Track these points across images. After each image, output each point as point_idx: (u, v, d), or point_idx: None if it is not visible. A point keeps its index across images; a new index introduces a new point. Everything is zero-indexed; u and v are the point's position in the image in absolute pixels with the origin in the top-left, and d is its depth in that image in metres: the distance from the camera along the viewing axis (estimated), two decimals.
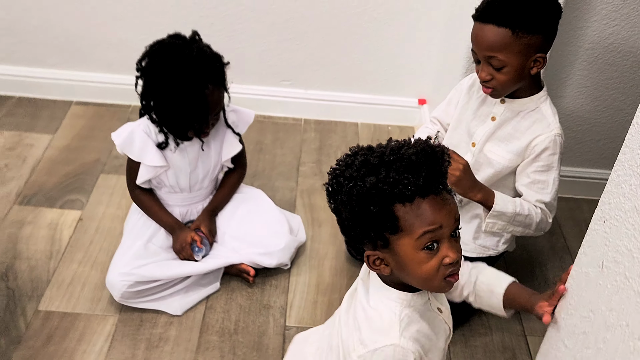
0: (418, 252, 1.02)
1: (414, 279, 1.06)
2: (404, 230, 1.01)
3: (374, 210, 0.99)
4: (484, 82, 1.46)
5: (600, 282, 0.93)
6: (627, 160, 0.85)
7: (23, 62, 2.39)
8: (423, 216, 1.00)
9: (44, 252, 1.83)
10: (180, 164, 1.70)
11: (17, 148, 2.19)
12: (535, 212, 1.51)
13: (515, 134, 1.52)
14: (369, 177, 0.99)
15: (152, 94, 1.60)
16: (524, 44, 1.38)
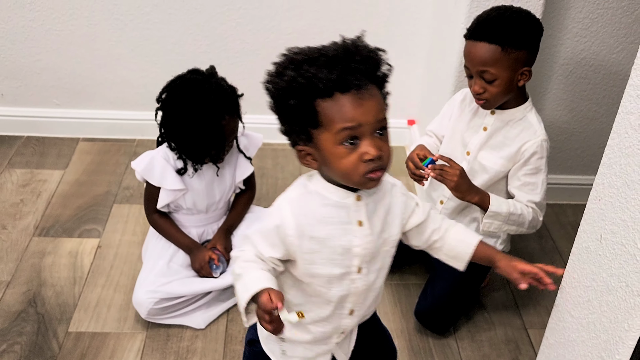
0: (337, 146, 1.05)
1: (336, 173, 1.10)
2: (324, 125, 1.05)
3: (293, 104, 1.04)
4: (477, 95, 1.60)
5: (600, 253, 1.07)
6: (616, 144, 1.00)
7: (30, 103, 2.51)
8: (341, 112, 1.04)
9: (68, 279, 1.92)
10: (198, 187, 1.82)
11: (30, 184, 2.28)
12: (527, 211, 1.65)
13: (505, 141, 1.66)
14: (288, 72, 1.04)
15: (172, 124, 1.72)
16: (512, 59, 1.52)
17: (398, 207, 1.23)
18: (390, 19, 2.35)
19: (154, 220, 1.88)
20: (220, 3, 2.30)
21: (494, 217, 1.64)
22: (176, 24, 2.34)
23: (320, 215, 1.14)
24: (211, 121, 1.67)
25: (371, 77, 1.07)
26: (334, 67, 1.03)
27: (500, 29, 1.52)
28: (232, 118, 1.73)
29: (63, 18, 2.32)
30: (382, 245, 1.22)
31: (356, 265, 1.19)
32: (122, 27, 2.34)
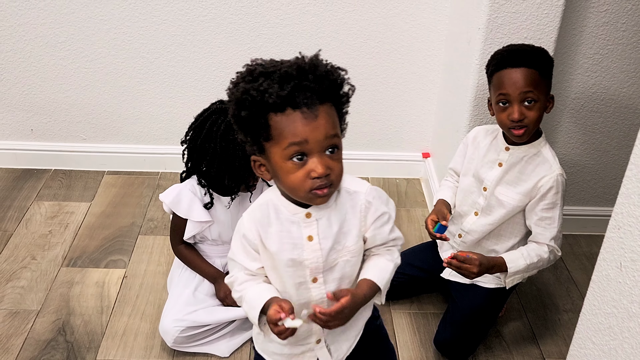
0: (286, 161, 1.10)
1: (284, 187, 1.15)
2: (274, 138, 1.09)
3: (244, 115, 1.08)
4: (516, 123, 1.63)
5: (620, 281, 1.12)
6: (634, 174, 1.05)
7: (58, 137, 2.59)
8: (290, 127, 1.07)
9: (95, 308, 1.97)
10: (224, 219, 1.87)
11: (58, 216, 2.35)
12: (543, 253, 1.71)
13: (522, 177, 1.72)
14: (242, 84, 1.09)
15: (203, 155, 1.74)
16: (545, 85, 1.63)
17: (356, 216, 1.24)
18: (405, 55, 2.43)
19: (179, 251, 1.93)
20: (242, 42, 2.39)
21: (515, 274, 1.71)
22: (200, 62, 2.42)
23: (272, 229, 1.21)
24: (240, 149, 1.68)
25: (325, 96, 1.10)
26: (286, 84, 1.07)
27: (536, 56, 1.64)
28: None
29: (92, 56, 2.41)
30: (338, 256, 1.24)
31: (310, 276, 1.24)
32: (148, 65, 2.43)
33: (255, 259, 1.24)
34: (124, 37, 2.37)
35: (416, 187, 2.66)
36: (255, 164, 1.18)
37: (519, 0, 1.84)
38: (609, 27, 1.99)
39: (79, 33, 2.36)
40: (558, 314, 2.04)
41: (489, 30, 1.89)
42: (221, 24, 2.36)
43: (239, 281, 1.26)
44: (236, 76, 1.15)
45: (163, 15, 2.33)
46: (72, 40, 2.38)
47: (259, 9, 2.33)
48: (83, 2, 2.30)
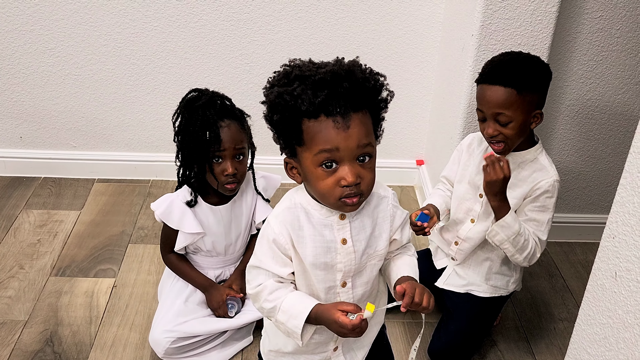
0: (316, 167, 1.09)
1: (314, 192, 1.14)
2: (306, 144, 1.08)
3: (276, 119, 1.08)
4: (491, 138, 1.62)
5: (615, 291, 1.09)
6: (628, 183, 1.03)
7: (48, 145, 2.56)
8: (321, 134, 1.06)
9: (84, 318, 1.94)
10: (216, 231, 1.84)
11: (47, 225, 2.32)
12: (532, 240, 1.66)
13: (517, 182, 1.68)
14: (276, 88, 1.08)
15: (179, 139, 1.74)
16: (527, 102, 1.56)
17: (386, 221, 1.24)
18: (398, 62, 2.41)
19: (169, 260, 1.90)
20: (233, 48, 2.37)
21: (504, 229, 1.63)
22: (190, 68, 2.40)
23: (304, 232, 1.18)
24: (208, 119, 1.68)
25: (360, 103, 1.08)
26: (320, 91, 1.05)
27: (516, 72, 1.56)
28: (233, 123, 1.72)
29: (81, 63, 2.39)
30: (367, 259, 1.24)
31: (340, 280, 1.22)
32: (139, 72, 2.41)
33: (286, 265, 1.21)
34: (114, 43, 2.35)
35: (410, 195, 2.64)
36: (287, 167, 1.16)
37: (513, 7, 1.82)
38: (603, 33, 1.97)
39: (68, 40, 2.34)
40: (553, 323, 2.01)
41: (483, 37, 1.87)
42: (212, 31, 2.34)
43: (268, 290, 1.21)
44: (272, 77, 1.13)
45: (154, 22, 2.31)
46: (61, 47, 2.35)
47: (251, 15, 2.31)
48: (72, 8, 2.28)
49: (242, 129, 1.76)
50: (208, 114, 1.69)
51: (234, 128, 1.72)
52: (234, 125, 1.73)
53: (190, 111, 1.71)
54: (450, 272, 1.85)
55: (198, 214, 1.81)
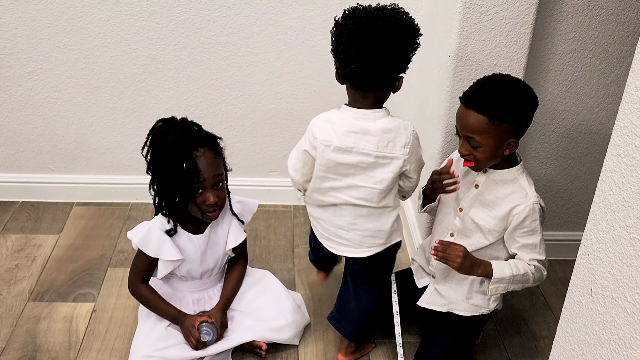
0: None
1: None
2: None
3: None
4: (462, 156, 1.65)
5: (591, 307, 1.11)
6: (601, 200, 1.05)
7: (26, 169, 2.54)
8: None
9: (63, 344, 1.91)
10: (193, 258, 1.83)
11: (25, 249, 2.30)
12: (529, 269, 1.67)
13: (496, 201, 1.69)
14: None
15: (154, 173, 1.72)
16: (499, 130, 1.56)
17: None
18: None
19: (139, 291, 1.85)
20: (213, 70, 2.38)
21: (499, 282, 1.66)
22: (170, 91, 2.41)
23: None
24: (182, 152, 1.65)
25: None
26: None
27: (491, 101, 1.56)
28: (208, 151, 1.70)
29: (60, 86, 2.38)
30: None
31: None
32: (118, 95, 2.41)
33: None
34: (93, 66, 2.35)
35: None
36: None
37: (488, 29, 1.85)
38: (576, 54, 2.01)
39: (47, 63, 2.33)
40: (535, 341, 2.02)
41: (459, 58, 1.90)
42: (192, 53, 2.35)
43: None
44: None
45: (133, 45, 2.32)
46: (39, 70, 2.35)
47: (230, 38, 2.32)
48: (51, 32, 2.28)
49: (217, 154, 1.74)
50: (182, 147, 1.66)
51: (209, 156, 1.70)
52: (209, 152, 1.71)
53: (162, 145, 1.68)
54: (431, 291, 1.85)
55: (176, 241, 1.80)
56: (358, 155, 1.60)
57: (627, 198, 0.98)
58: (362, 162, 1.60)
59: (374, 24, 1.50)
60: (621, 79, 2.06)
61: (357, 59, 1.52)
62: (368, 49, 1.50)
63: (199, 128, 1.75)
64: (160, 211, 1.79)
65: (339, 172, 1.63)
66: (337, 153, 1.60)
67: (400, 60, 1.57)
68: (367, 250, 1.73)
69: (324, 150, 1.61)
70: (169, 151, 1.66)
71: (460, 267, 1.62)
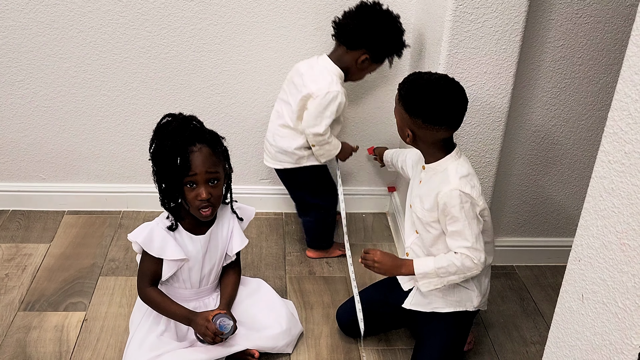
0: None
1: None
2: None
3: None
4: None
5: (582, 313, 1.11)
6: (592, 207, 1.06)
7: (16, 177, 2.53)
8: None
9: (53, 354, 1.90)
10: (195, 257, 1.82)
11: (15, 258, 2.29)
12: (454, 258, 1.68)
13: (428, 192, 1.73)
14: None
15: (152, 162, 1.74)
16: (400, 112, 1.70)
17: None
18: (367, 90, 2.45)
19: (148, 294, 1.83)
20: (204, 78, 2.38)
21: (425, 277, 1.72)
22: (162, 99, 2.41)
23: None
24: (179, 144, 1.68)
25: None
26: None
27: (405, 84, 1.70)
28: (205, 147, 1.71)
29: (51, 95, 2.38)
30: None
31: None
32: (109, 103, 2.41)
33: None
34: (84, 75, 2.35)
35: (382, 222, 2.66)
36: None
37: (478, 36, 1.87)
38: (565, 61, 2.03)
39: (37, 71, 2.33)
40: (526, 347, 2.03)
41: (449, 66, 1.91)
42: (183, 61, 2.35)
43: None
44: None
45: (124, 53, 2.32)
46: (30, 78, 2.34)
47: (221, 46, 2.33)
48: (42, 40, 2.27)
49: (214, 152, 1.74)
50: (178, 140, 1.69)
51: (205, 152, 1.71)
52: (206, 149, 1.72)
53: (161, 137, 1.72)
54: (415, 293, 1.86)
55: (178, 242, 1.80)
56: (295, 78, 2.13)
57: (617, 204, 0.99)
58: (293, 83, 2.13)
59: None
60: (609, 86, 2.08)
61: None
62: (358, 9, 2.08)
63: (201, 125, 1.77)
64: (163, 205, 1.80)
65: (284, 90, 2.20)
66: (291, 73, 2.20)
67: (367, 32, 2.04)
68: (278, 163, 2.22)
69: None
70: (165, 143, 1.69)
71: (380, 270, 1.77)
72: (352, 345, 1.98)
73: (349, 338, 2.01)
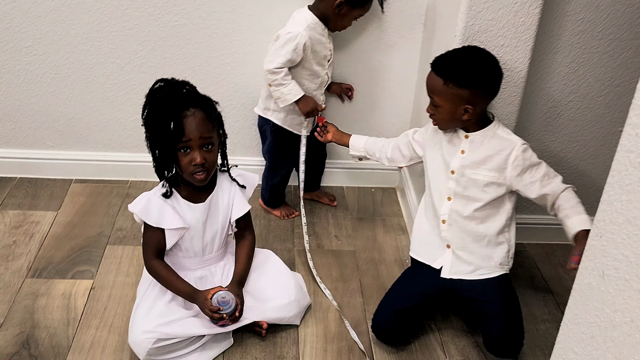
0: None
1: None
2: None
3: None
4: (430, 116, 1.81)
5: (602, 289, 1.09)
6: (616, 181, 1.03)
7: (23, 144, 2.51)
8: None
9: (61, 321, 1.89)
10: (195, 226, 1.80)
11: (23, 226, 2.27)
12: (571, 195, 1.77)
13: (487, 157, 1.77)
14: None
15: (145, 128, 1.72)
16: (452, 94, 1.70)
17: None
18: (380, 64, 2.41)
19: (154, 267, 1.81)
20: (214, 47, 2.34)
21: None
22: (171, 68, 2.37)
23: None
24: (171, 109, 1.64)
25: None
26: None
27: (448, 65, 1.71)
28: (198, 111, 1.68)
29: (59, 61, 2.34)
30: None
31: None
32: (118, 71, 2.37)
33: None
34: (93, 42, 2.31)
35: (392, 196, 2.63)
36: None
37: (496, 8, 1.82)
38: (585, 35, 1.98)
39: (45, 37, 2.29)
40: (536, 324, 2.01)
41: (466, 38, 1.87)
42: (193, 30, 2.31)
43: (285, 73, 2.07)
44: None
45: (133, 20, 2.28)
46: (38, 45, 2.31)
47: (232, 15, 2.29)
48: (50, 5, 2.24)
49: (208, 117, 1.71)
50: (171, 104, 1.65)
51: (199, 116, 1.68)
52: (200, 113, 1.68)
53: (154, 102, 1.68)
54: (450, 261, 1.86)
55: (177, 210, 1.78)
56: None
57: None
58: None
59: None
60: (629, 62, 2.03)
61: None
62: None
63: (194, 89, 1.73)
64: (157, 173, 1.77)
65: None
66: None
67: None
68: (256, 108, 2.31)
69: None
70: (158, 107, 1.67)
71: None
72: (360, 319, 1.97)
73: (357, 312, 2.00)
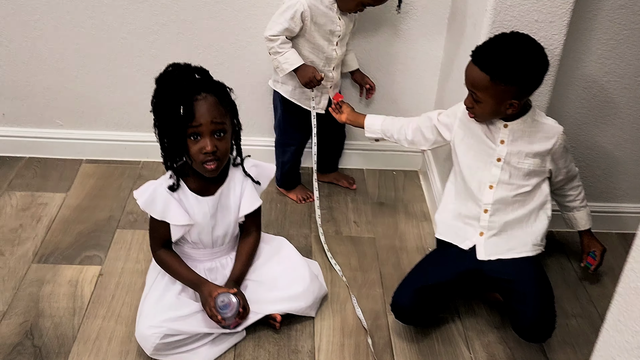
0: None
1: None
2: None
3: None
4: (467, 108, 1.72)
5: None
6: None
7: (32, 123, 2.43)
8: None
9: (67, 309, 1.82)
10: (202, 222, 1.71)
11: (30, 208, 2.20)
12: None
13: (535, 142, 1.72)
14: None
15: (154, 113, 1.63)
16: (500, 91, 1.60)
17: None
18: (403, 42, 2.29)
19: (160, 257, 1.75)
20: (229, 23, 2.23)
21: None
22: (184, 45, 2.27)
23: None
24: (181, 93, 1.55)
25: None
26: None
27: (495, 61, 1.59)
28: (210, 96, 1.58)
29: (68, 36, 2.25)
30: None
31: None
32: (129, 48, 2.27)
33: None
34: (104, 17, 2.21)
35: (414, 180, 2.52)
36: None
37: None
38: (625, 10, 1.84)
39: (54, 11, 2.20)
40: (566, 319, 1.90)
41: (497, 13, 1.74)
42: (207, 4, 2.20)
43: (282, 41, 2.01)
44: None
45: None
46: (46, 19, 2.21)
47: None
48: None
49: (220, 102, 1.60)
50: (182, 88, 1.55)
51: (211, 101, 1.57)
52: (211, 98, 1.58)
53: (164, 85, 1.58)
54: (484, 243, 1.77)
55: (183, 204, 1.68)
56: None
57: None
58: None
59: None
60: None
61: None
62: None
63: (207, 74, 1.63)
64: (165, 164, 1.68)
65: None
66: None
67: None
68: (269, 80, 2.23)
69: None
70: (168, 91, 1.57)
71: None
72: (379, 312, 1.87)
73: (376, 304, 1.90)
